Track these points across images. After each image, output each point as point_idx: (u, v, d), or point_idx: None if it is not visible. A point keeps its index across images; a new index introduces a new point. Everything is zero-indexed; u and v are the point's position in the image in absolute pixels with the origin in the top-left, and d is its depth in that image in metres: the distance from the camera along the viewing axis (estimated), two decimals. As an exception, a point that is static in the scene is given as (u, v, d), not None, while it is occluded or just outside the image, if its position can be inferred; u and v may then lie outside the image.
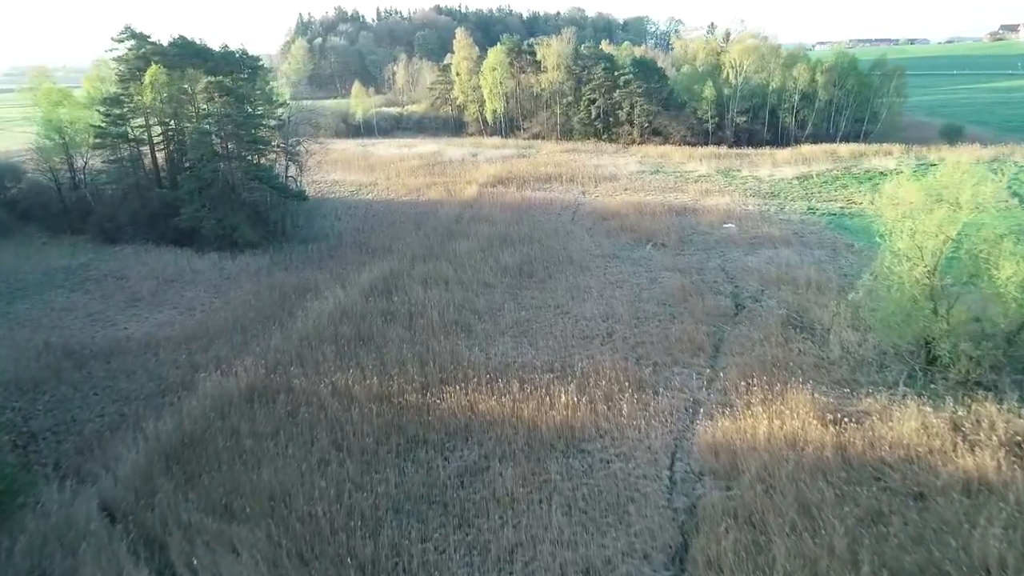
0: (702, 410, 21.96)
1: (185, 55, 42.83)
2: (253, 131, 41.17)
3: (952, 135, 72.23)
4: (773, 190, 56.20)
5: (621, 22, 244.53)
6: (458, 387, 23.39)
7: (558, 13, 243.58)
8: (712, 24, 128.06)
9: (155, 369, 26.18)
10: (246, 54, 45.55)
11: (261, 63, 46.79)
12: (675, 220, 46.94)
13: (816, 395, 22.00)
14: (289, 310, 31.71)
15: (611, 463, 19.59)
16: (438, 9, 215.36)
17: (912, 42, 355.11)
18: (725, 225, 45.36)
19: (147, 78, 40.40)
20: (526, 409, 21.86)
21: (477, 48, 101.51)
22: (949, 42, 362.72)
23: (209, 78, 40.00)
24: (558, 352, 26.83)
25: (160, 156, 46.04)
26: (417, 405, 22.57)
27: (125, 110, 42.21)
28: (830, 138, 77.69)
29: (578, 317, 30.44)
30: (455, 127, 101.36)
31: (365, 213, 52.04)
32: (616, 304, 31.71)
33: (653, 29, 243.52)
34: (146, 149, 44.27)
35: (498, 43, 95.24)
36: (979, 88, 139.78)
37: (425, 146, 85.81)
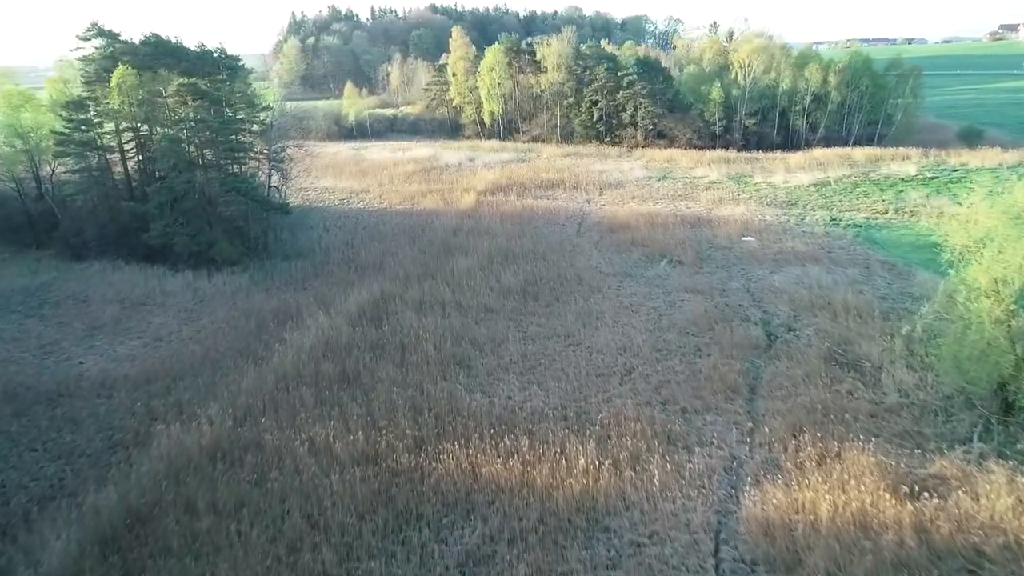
0: (748, 476, 18.56)
1: (157, 55, 39.21)
2: (231, 138, 37.61)
3: (971, 138, 69.07)
4: (790, 198, 52.88)
5: (619, 21, 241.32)
6: (457, 444, 19.95)
7: (555, 12, 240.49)
8: (715, 23, 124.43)
9: (107, 417, 22.68)
10: (224, 53, 41.93)
11: (241, 63, 43.18)
12: (689, 233, 43.57)
13: (880, 455, 18.63)
14: (266, 342, 28.21)
15: (642, 548, 16.21)
16: (433, 8, 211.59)
17: (910, 42, 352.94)
18: (744, 238, 42.02)
19: (114, 79, 36.77)
20: (538, 475, 18.43)
21: (474, 47, 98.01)
22: (946, 42, 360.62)
23: (181, 80, 36.35)
24: (572, 395, 23.42)
25: (133, 165, 42.40)
26: (409, 469, 19.10)
27: (91, 115, 38.59)
28: (842, 141, 74.49)
29: (592, 349, 27.04)
30: (451, 129, 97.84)
31: (355, 224, 48.52)
32: (633, 334, 28.33)
33: (652, 28, 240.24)
34: (116, 157, 40.62)
35: (496, 42, 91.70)
36: (987, 88, 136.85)
37: (420, 150, 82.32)
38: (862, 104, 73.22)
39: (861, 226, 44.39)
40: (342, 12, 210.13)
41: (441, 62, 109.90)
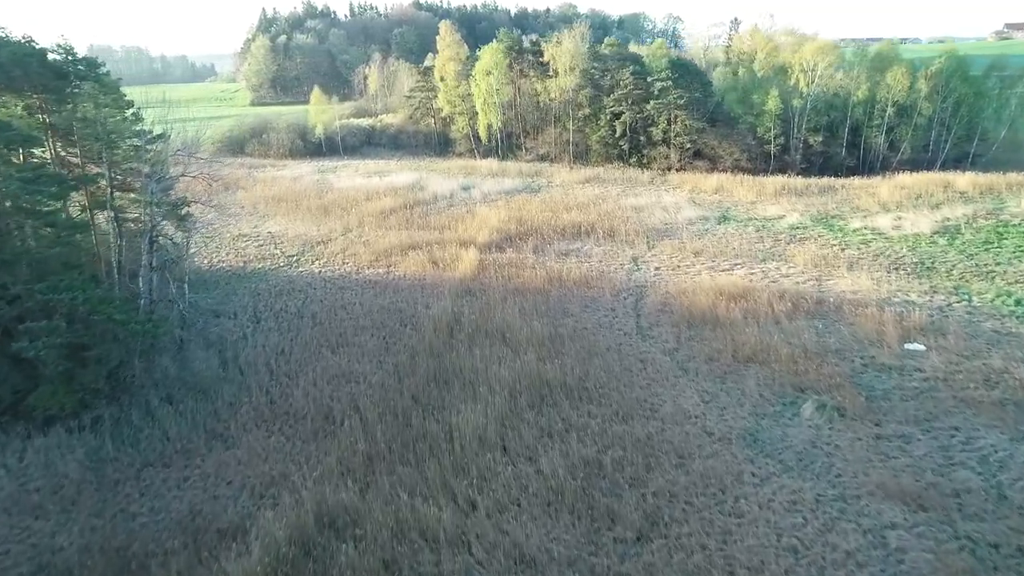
0: None
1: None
2: (51, 206, 21.47)
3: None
4: (919, 257, 37.69)
5: (616, 19, 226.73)
6: None
7: (548, 10, 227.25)
8: (735, 19, 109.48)
9: None
10: (71, 55, 25.84)
11: (105, 71, 27.14)
12: (815, 331, 28.10)
13: None
14: None
15: None
16: (417, 4, 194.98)
17: (903, 41, 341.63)
18: (908, 346, 26.67)
19: None
20: None
21: (466, 47, 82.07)
22: (940, 41, 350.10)
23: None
24: None
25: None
26: None
27: None
28: (929, 164, 59.64)
29: None
30: (439, 145, 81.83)
31: (300, 310, 32.56)
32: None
33: (650, 27, 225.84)
34: None
35: (493, 40, 75.74)
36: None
37: (401, 174, 66.22)
38: (957, 117, 58.29)
39: (1071, 317, 29.17)
40: (318, 8, 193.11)
41: (426, 64, 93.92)
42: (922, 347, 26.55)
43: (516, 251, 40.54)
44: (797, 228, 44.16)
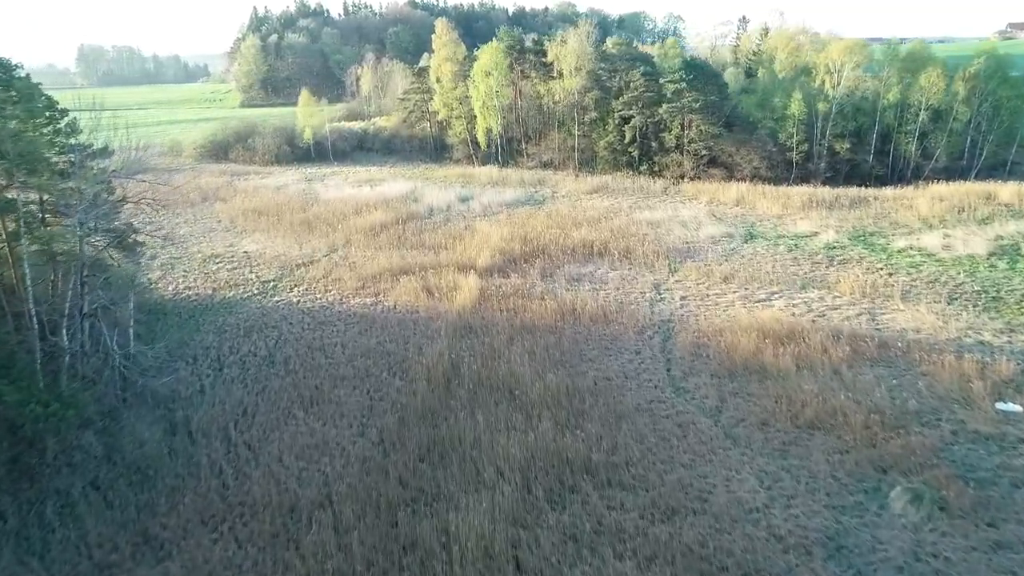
0: None
1: None
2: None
3: None
4: (981, 284, 33.16)
5: (616, 19, 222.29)
6: None
7: (546, 9, 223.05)
8: (744, 18, 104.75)
9: None
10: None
11: (22, 74, 22.45)
12: (887, 388, 23.45)
13: None
14: None
15: None
16: (413, 3, 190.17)
17: (902, 41, 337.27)
18: (1001, 407, 22.12)
19: None
20: None
21: (463, 46, 77.26)
22: (941, 41, 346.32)
23: None
24: None
25: None
26: None
27: None
28: (963, 173, 55.24)
29: None
30: (435, 150, 77.07)
31: (271, 353, 27.82)
32: None
33: (651, 27, 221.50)
34: None
35: (492, 39, 70.99)
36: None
37: (394, 183, 61.53)
38: (996, 122, 53.86)
39: None
40: (311, 6, 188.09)
41: (422, 64, 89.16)
42: (1019, 408, 22.00)
43: (521, 276, 35.87)
44: (835, 248, 39.59)
